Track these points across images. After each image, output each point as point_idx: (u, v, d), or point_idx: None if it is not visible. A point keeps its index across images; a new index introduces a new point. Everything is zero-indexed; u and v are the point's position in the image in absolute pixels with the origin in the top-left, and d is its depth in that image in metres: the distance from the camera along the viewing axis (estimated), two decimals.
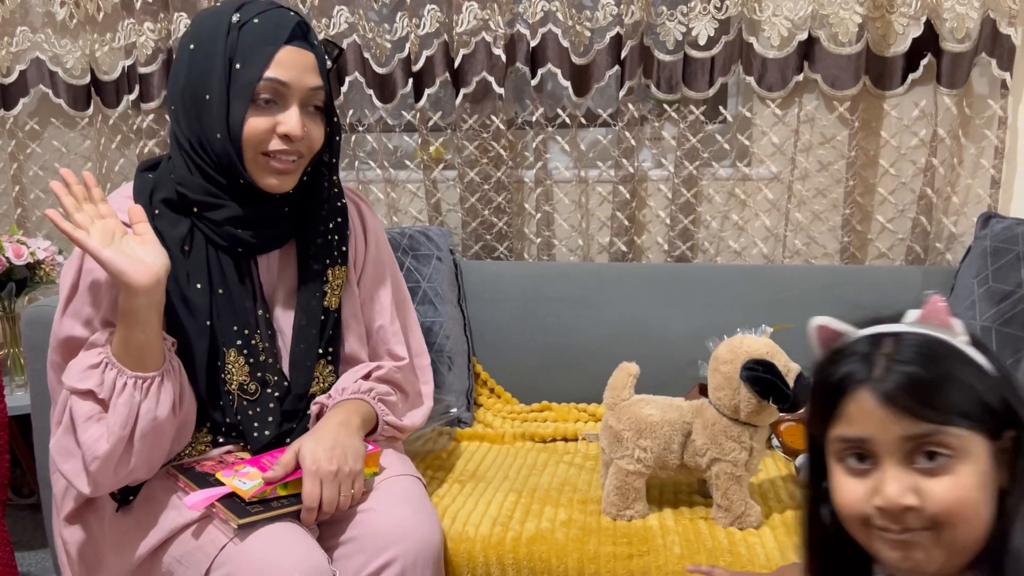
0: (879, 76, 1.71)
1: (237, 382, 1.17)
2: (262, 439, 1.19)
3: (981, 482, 0.75)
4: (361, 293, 1.31)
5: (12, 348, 1.83)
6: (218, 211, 1.16)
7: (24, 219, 2.17)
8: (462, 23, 1.82)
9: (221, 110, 1.11)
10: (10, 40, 2.07)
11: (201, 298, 1.16)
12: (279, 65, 1.11)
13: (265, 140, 1.12)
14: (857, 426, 0.77)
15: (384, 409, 1.26)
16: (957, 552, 0.76)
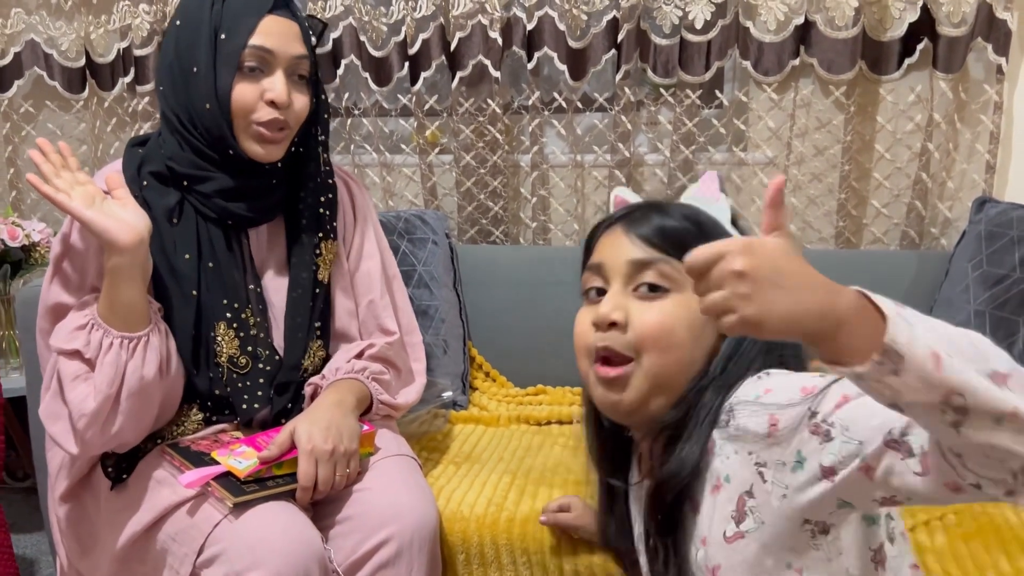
0: (875, 61, 1.71)
1: (227, 355, 1.18)
2: (251, 411, 1.20)
3: (690, 322, 0.82)
4: (350, 268, 1.33)
5: (7, 331, 1.83)
6: (207, 183, 1.18)
7: (19, 202, 2.17)
8: (458, 6, 1.81)
9: (209, 80, 1.13)
10: (4, 22, 2.06)
11: (188, 269, 1.17)
12: (263, 33, 1.13)
13: (253, 108, 1.14)
14: (598, 253, 0.88)
15: (378, 388, 1.27)
16: (658, 388, 0.83)
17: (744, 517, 0.78)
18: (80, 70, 2.07)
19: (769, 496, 0.75)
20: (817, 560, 0.76)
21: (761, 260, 0.60)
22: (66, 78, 2.08)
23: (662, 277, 0.83)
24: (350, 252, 1.33)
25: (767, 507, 0.76)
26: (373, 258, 1.35)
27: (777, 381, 0.78)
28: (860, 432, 0.68)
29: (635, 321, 0.83)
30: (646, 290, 0.83)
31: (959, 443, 0.58)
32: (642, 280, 0.83)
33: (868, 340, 0.58)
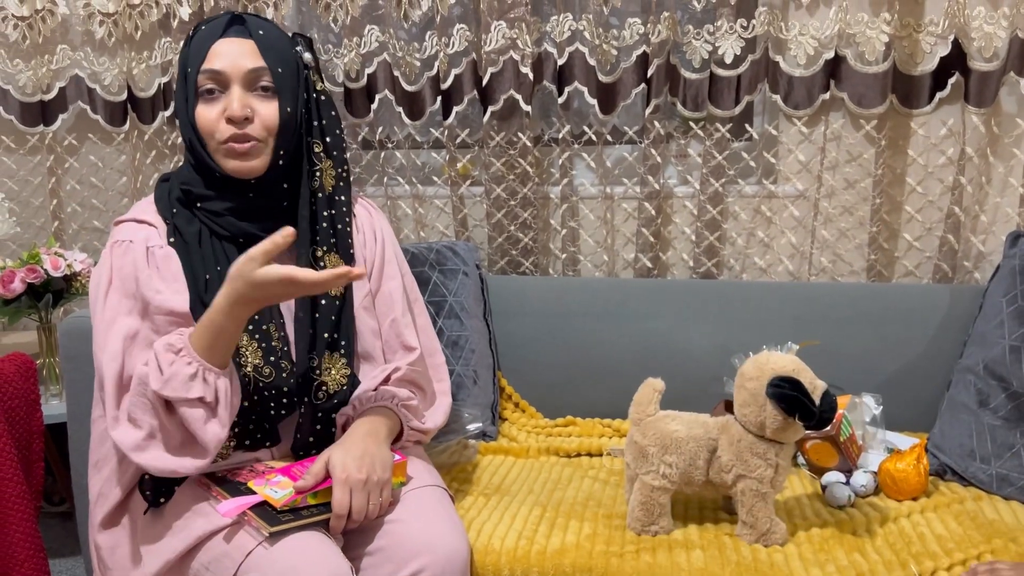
0: (906, 95, 1.71)
1: (252, 364, 1.22)
2: (278, 418, 1.23)
3: None
4: (372, 289, 1.36)
5: (48, 358, 1.87)
6: (215, 203, 1.24)
7: (61, 232, 2.22)
8: (490, 42, 1.85)
9: (183, 114, 1.23)
10: (51, 58, 2.12)
11: (212, 288, 1.21)
12: (214, 56, 1.20)
13: (214, 128, 1.20)
14: None
15: (408, 415, 1.29)
16: None
17: None
18: (122, 104, 2.13)
19: None
20: None
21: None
22: (108, 112, 2.14)
23: None
24: (371, 272, 1.37)
25: None
26: (395, 278, 1.38)
27: None
28: None
29: None
30: None
31: None
32: None
33: None
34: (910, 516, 1.33)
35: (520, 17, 1.82)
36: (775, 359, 1.27)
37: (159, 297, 1.19)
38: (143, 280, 1.20)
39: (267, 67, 1.21)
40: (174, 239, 1.23)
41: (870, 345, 1.68)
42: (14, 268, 1.79)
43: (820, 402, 1.23)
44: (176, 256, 1.23)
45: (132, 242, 1.22)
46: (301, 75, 1.27)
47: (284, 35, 1.27)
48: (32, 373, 1.55)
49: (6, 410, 1.45)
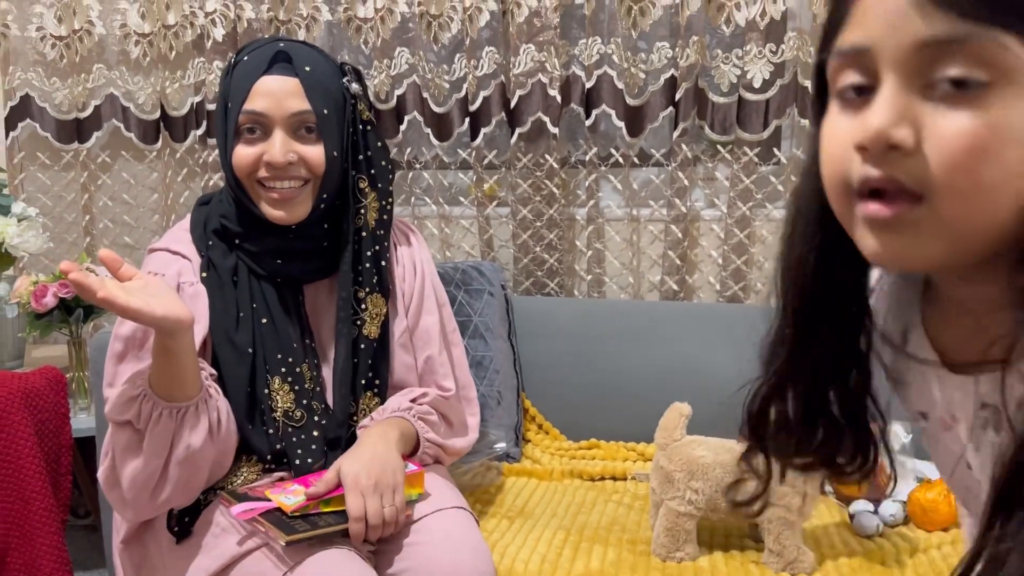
0: None
1: (282, 408, 1.19)
2: (305, 467, 1.20)
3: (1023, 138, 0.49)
4: (410, 324, 1.32)
5: (77, 372, 1.89)
6: (255, 242, 1.21)
7: (92, 247, 2.25)
8: (519, 65, 1.86)
9: (222, 149, 1.18)
10: (87, 77, 2.16)
11: (244, 327, 1.19)
12: (256, 95, 1.14)
13: (254, 170, 1.15)
14: (861, 28, 0.53)
15: (424, 427, 1.26)
16: (964, 242, 0.52)
17: None
18: (155, 122, 2.16)
19: None
20: None
21: None
22: (141, 130, 2.18)
23: (979, 64, 0.48)
24: (409, 307, 1.33)
25: None
26: (432, 314, 1.34)
27: None
28: None
29: (933, 139, 0.50)
30: (949, 87, 0.49)
31: None
32: (943, 72, 0.49)
33: None
34: (940, 547, 1.31)
35: (549, 41, 1.83)
36: None
37: None
38: None
39: (312, 110, 1.16)
40: (207, 273, 1.21)
41: None
42: (47, 283, 1.81)
43: None
44: (204, 295, 1.20)
45: (164, 276, 1.19)
46: (348, 109, 1.21)
47: (331, 67, 1.21)
48: (62, 387, 1.57)
49: (36, 423, 1.47)
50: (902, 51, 0.50)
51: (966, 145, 0.49)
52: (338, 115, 1.19)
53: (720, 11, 1.78)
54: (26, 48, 2.19)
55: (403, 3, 1.93)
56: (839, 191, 0.56)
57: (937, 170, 0.50)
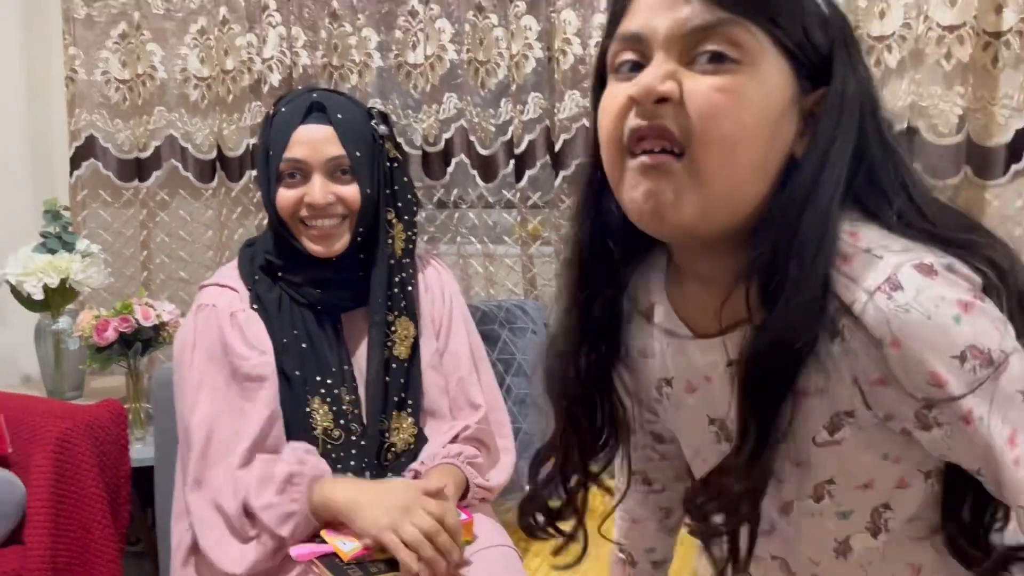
0: (981, 166, 1.71)
1: (322, 427, 1.27)
2: None
3: (763, 107, 0.63)
4: (440, 347, 1.40)
5: (135, 403, 1.96)
6: (296, 273, 1.30)
7: (149, 282, 2.33)
8: (564, 110, 1.91)
9: (266, 194, 1.30)
10: (148, 119, 2.26)
11: (290, 353, 1.28)
12: (295, 144, 1.26)
13: (296, 210, 1.28)
14: (639, 17, 0.65)
15: (473, 472, 1.32)
16: (714, 193, 0.64)
17: (839, 428, 0.68)
18: (211, 162, 2.25)
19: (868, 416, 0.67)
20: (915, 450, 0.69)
21: None
22: (198, 169, 2.26)
23: (731, 45, 0.62)
24: (439, 331, 1.40)
25: (865, 421, 0.67)
26: (461, 337, 1.42)
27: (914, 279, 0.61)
28: None
29: (694, 94, 0.62)
30: (706, 62, 0.62)
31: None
32: (702, 47, 0.63)
33: None
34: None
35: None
36: None
37: (246, 364, 1.25)
38: (230, 345, 1.26)
39: (346, 154, 1.28)
40: (256, 305, 1.30)
41: None
42: (108, 317, 1.89)
43: None
44: (258, 320, 1.29)
45: (215, 306, 1.29)
46: (377, 149, 1.32)
47: (361, 112, 1.34)
48: (123, 420, 1.64)
49: (99, 454, 1.53)
50: (671, 34, 0.63)
51: (714, 100, 0.62)
52: (369, 156, 1.31)
53: None
54: (92, 91, 2.29)
55: (452, 50, 1.99)
56: (613, 148, 0.67)
57: (694, 118, 0.62)
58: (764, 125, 0.63)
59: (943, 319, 0.61)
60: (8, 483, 1.45)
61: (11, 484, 1.45)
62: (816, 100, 0.66)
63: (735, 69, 0.62)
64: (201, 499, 1.21)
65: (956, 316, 0.61)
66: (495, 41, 1.96)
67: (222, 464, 1.21)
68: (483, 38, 1.97)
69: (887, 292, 0.62)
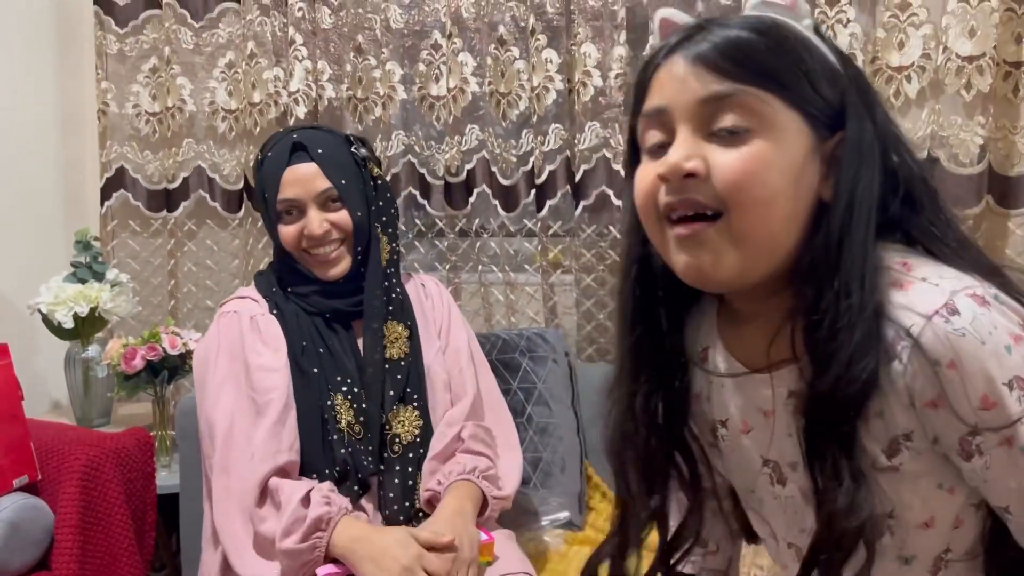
0: (1003, 195, 1.71)
1: (345, 420, 1.34)
2: (369, 468, 1.34)
3: (786, 165, 0.67)
4: (442, 346, 1.49)
5: (161, 431, 1.99)
6: (304, 287, 1.41)
7: (176, 310, 2.37)
8: (584, 141, 1.93)
9: (271, 231, 1.42)
10: (177, 150, 2.31)
11: (309, 353, 1.36)
12: (286, 186, 1.38)
13: (298, 243, 1.39)
14: (658, 95, 0.70)
15: (489, 486, 1.37)
16: (751, 250, 0.68)
17: (897, 452, 0.70)
18: (238, 192, 2.29)
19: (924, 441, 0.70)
20: None
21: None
22: (225, 199, 2.31)
23: (745, 114, 0.66)
24: (440, 331, 1.51)
25: (922, 445, 0.70)
26: (461, 336, 1.52)
27: (969, 306, 0.65)
28: None
29: (719, 168, 0.67)
30: (726, 134, 0.67)
31: None
32: (720, 124, 0.67)
33: None
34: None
35: (613, 118, 1.90)
36: None
37: (259, 359, 1.34)
38: (248, 344, 1.36)
39: (332, 185, 1.39)
40: (276, 311, 1.41)
41: None
42: (136, 346, 1.92)
43: None
44: (276, 322, 1.39)
45: (237, 312, 1.40)
46: (361, 172, 1.43)
47: (339, 142, 1.43)
48: (149, 447, 1.66)
49: (125, 482, 1.55)
50: (689, 107, 0.68)
51: (740, 170, 0.67)
52: (354, 180, 1.42)
53: None
54: (123, 124, 2.35)
55: (474, 82, 2.02)
56: (652, 220, 0.72)
57: (723, 190, 0.67)
58: (789, 181, 0.67)
59: (997, 346, 0.64)
60: (37, 509, 1.47)
61: (40, 511, 1.48)
62: (836, 144, 0.70)
63: (753, 136, 0.67)
64: (226, 491, 1.27)
65: (1008, 346, 0.65)
66: (516, 73, 2.00)
67: (244, 455, 1.28)
68: (504, 70, 2.00)
69: (944, 316, 0.65)
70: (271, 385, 1.32)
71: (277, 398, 1.30)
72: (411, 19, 2.08)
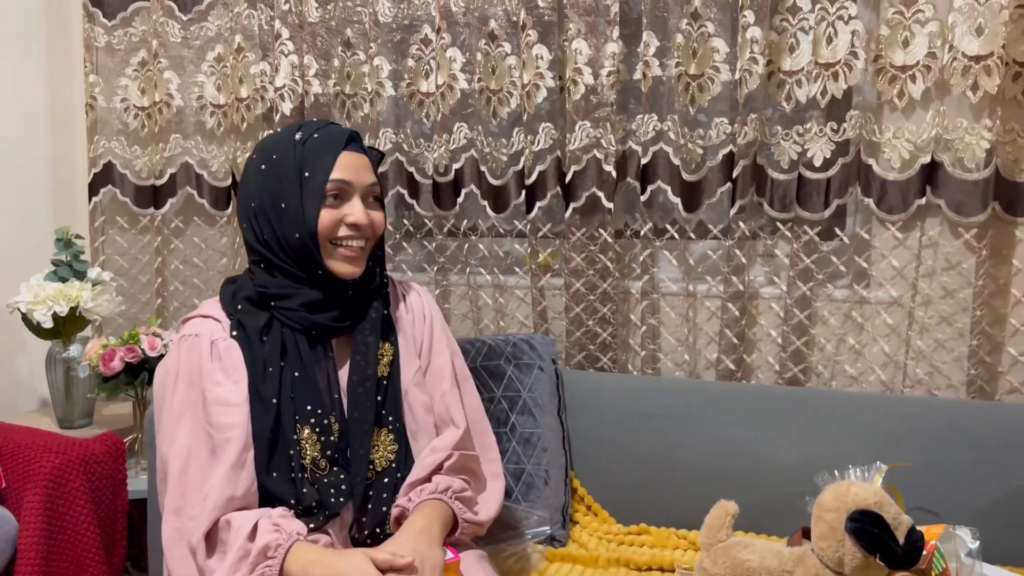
0: (1010, 202, 1.62)
1: (311, 456, 1.26)
2: (338, 505, 1.25)
3: None
4: (423, 365, 1.41)
5: (139, 433, 1.95)
6: (291, 299, 1.29)
7: (163, 308, 2.34)
8: (575, 141, 1.86)
9: (298, 212, 1.27)
10: (164, 146, 2.27)
11: (272, 379, 1.26)
12: (341, 167, 1.28)
13: (335, 231, 1.28)
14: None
15: (462, 508, 1.31)
16: None
17: None
18: (226, 189, 2.25)
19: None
20: None
21: None
22: (213, 196, 2.26)
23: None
24: (421, 350, 1.42)
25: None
26: (444, 355, 1.43)
27: None
28: None
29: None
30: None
31: None
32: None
33: None
34: None
35: (605, 117, 1.83)
36: (856, 489, 1.20)
37: (217, 390, 1.25)
38: (206, 372, 1.26)
39: (377, 183, 1.34)
40: (236, 332, 1.30)
41: (969, 468, 1.56)
42: (115, 347, 1.88)
43: (904, 540, 1.14)
44: (238, 348, 1.29)
45: (198, 336, 1.30)
46: None
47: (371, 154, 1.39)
48: (121, 453, 1.62)
49: (93, 490, 1.51)
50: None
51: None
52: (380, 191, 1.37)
53: (780, 88, 1.75)
54: (111, 118, 2.31)
55: (463, 79, 1.96)
56: None
57: None
58: None
59: None
60: (1, 519, 1.44)
61: (3, 520, 1.44)
62: None
63: None
64: (177, 532, 1.20)
65: None
66: (508, 70, 1.93)
67: (198, 495, 1.21)
68: (496, 67, 1.94)
69: None
70: (229, 423, 1.23)
71: (236, 437, 1.22)
72: (400, 13, 2.02)
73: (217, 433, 1.22)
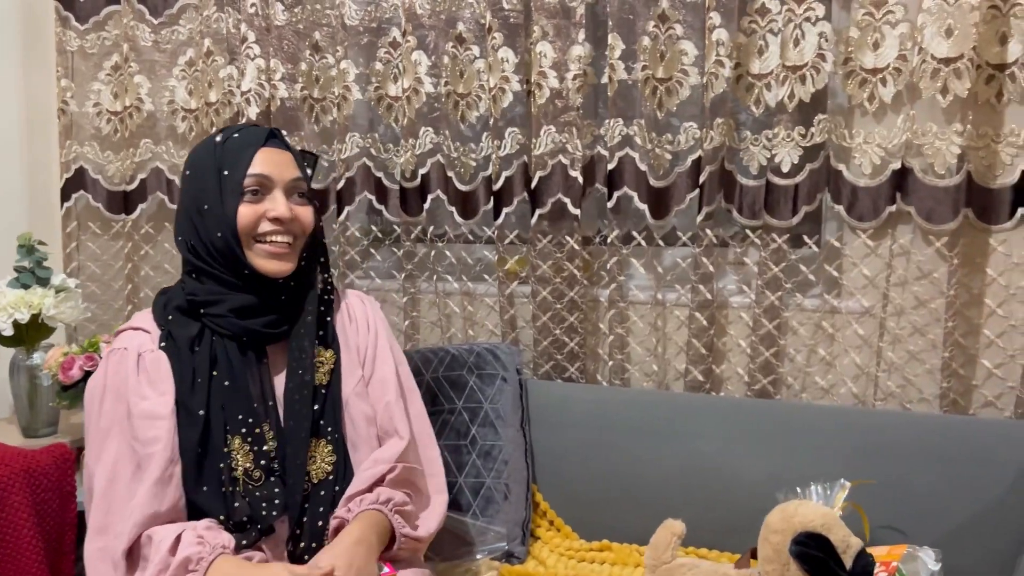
0: (983, 209, 1.57)
1: (243, 467, 1.23)
2: (271, 519, 1.22)
3: None
4: (366, 375, 1.38)
5: None
6: (220, 305, 1.27)
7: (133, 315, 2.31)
8: (540, 146, 1.82)
9: (218, 211, 1.25)
10: (135, 151, 2.24)
11: (199, 390, 1.24)
12: (259, 162, 1.27)
13: (255, 226, 1.26)
14: None
15: (401, 522, 1.27)
16: None
17: None
18: None
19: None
20: None
21: None
22: None
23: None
24: (364, 360, 1.39)
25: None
26: (388, 364, 1.40)
27: None
28: None
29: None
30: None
31: None
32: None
33: None
34: None
35: (571, 121, 1.79)
36: (804, 510, 1.15)
37: (143, 403, 1.22)
38: (131, 386, 1.23)
39: (302, 178, 1.31)
40: (165, 343, 1.27)
41: (939, 485, 1.50)
42: (75, 355, 1.86)
43: (853, 564, 1.10)
44: (165, 359, 1.26)
45: (127, 349, 1.27)
46: None
47: None
48: (69, 465, 1.59)
49: (37, 503, 1.49)
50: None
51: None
52: (312, 195, 1.35)
53: (749, 91, 1.70)
54: (84, 123, 2.29)
55: (429, 83, 1.92)
56: None
57: None
58: None
59: None
60: None
61: None
62: None
63: None
64: (101, 551, 1.18)
65: None
66: (476, 73, 1.89)
67: (123, 513, 1.18)
68: (463, 70, 1.90)
69: None
70: (154, 436, 1.19)
71: (160, 451, 1.18)
72: (367, 15, 1.98)
73: (142, 448, 1.19)
